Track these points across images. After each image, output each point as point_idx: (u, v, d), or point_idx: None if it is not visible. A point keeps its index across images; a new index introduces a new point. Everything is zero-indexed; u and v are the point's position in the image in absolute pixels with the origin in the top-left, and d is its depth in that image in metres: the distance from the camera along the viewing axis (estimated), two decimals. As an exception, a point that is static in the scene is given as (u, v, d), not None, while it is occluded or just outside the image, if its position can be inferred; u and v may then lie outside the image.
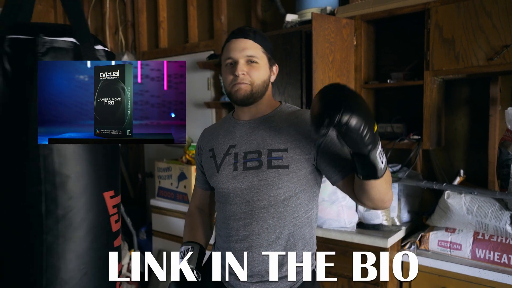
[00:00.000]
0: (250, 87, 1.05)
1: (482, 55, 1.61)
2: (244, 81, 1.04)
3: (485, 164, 1.85)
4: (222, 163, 1.09)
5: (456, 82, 1.93)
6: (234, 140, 1.10)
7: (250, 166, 1.04)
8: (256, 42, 1.05)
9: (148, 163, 3.27)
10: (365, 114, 0.78)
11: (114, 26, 3.39)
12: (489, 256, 1.55)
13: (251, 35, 1.05)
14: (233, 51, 1.05)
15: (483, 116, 1.85)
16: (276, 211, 1.03)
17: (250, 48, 1.04)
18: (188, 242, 1.14)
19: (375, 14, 1.89)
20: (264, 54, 1.07)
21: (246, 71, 1.04)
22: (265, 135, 1.06)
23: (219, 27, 2.74)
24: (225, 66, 1.08)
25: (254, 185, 1.03)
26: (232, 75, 1.05)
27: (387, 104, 2.14)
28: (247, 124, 1.10)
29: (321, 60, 1.84)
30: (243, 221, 1.05)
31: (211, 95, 2.83)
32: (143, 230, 2.85)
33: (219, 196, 1.13)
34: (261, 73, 1.06)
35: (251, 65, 1.05)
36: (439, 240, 1.66)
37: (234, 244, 1.06)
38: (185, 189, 2.45)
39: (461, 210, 1.59)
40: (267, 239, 1.04)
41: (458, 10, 1.65)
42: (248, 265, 1.05)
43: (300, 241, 1.07)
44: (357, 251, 1.71)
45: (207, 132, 1.23)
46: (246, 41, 1.05)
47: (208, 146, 1.17)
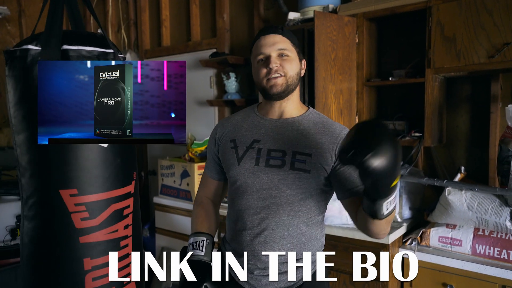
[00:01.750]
0: (285, 79, 1.06)
1: (483, 53, 1.62)
2: (278, 72, 1.05)
3: (485, 161, 1.86)
4: (244, 156, 1.08)
5: (457, 80, 1.95)
6: (259, 135, 1.09)
7: (273, 163, 1.05)
8: (285, 36, 1.08)
9: (151, 161, 3.29)
10: (390, 168, 0.75)
11: (117, 24, 3.41)
12: (489, 251, 1.57)
13: (279, 30, 1.08)
14: (264, 46, 1.06)
15: (484, 113, 1.86)
16: (292, 209, 1.05)
17: (280, 42, 1.06)
18: (201, 233, 1.11)
19: (377, 12, 1.91)
20: (293, 47, 1.08)
21: (279, 64, 1.05)
22: (292, 136, 1.06)
23: (221, 26, 2.75)
24: (257, 62, 1.08)
25: (274, 183, 1.04)
26: (266, 68, 1.06)
27: (389, 101, 2.16)
28: (274, 122, 1.10)
29: (323, 58, 1.85)
30: (258, 215, 1.05)
31: (213, 93, 2.84)
32: (146, 227, 2.87)
33: (235, 188, 1.11)
34: (293, 65, 1.07)
35: (283, 58, 1.06)
36: (440, 236, 1.68)
37: (247, 238, 1.06)
38: (188, 187, 2.47)
39: (462, 206, 1.61)
40: (280, 235, 1.05)
41: (459, 8, 1.66)
42: (259, 259, 1.05)
43: (312, 241, 1.09)
44: (359, 247, 1.74)
45: (227, 122, 1.19)
46: (275, 36, 1.07)
47: (229, 136, 1.14)
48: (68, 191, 0.96)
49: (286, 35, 1.08)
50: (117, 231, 1.02)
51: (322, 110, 1.86)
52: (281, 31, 1.08)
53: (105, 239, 1.00)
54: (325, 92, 1.88)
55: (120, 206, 1.02)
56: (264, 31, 1.09)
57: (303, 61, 1.13)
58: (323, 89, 1.86)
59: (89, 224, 0.98)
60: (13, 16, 3.18)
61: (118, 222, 1.02)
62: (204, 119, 2.89)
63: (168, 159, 2.65)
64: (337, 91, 1.93)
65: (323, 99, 1.87)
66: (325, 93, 1.88)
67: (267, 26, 1.11)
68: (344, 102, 1.97)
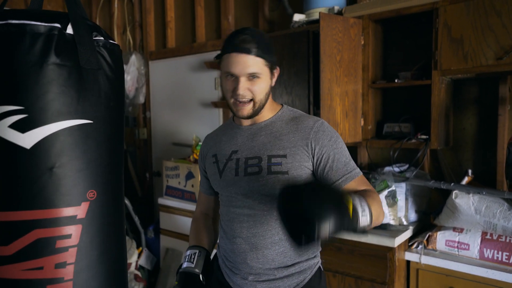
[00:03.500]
0: (252, 103, 1.05)
1: (491, 55, 1.60)
2: (246, 97, 1.03)
3: (493, 164, 1.84)
4: (225, 169, 1.11)
5: (465, 82, 1.93)
6: (236, 145, 1.11)
7: (251, 171, 1.05)
8: (258, 56, 1.01)
9: (155, 162, 3.30)
10: (335, 222, 0.75)
11: (122, 26, 3.42)
12: (497, 256, 1.54)
13: (253, 50, 1.00)
14: (234, 66, 1.01)
15: (492, 115, 1.84)
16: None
17: (252, 66, 1.00)
18: (195, 246, 1.16)
19: (383, 14, 1.89)
20: (265, 66, 1.04)
21: (247, 87, 1.02)
22: (265, 141, 1.07)
23: (226, 27, 2.75)
24: (225, 77, 1.05)
25: (255, 190, 1.05)
26: (233, 87, 1.03)
27: (395, 103, 2.14)
28: (248, 130, 1.12)
29: (328, 60, 1.84)
30: (247, 223, 1.07)
31: (218, 95, 2.84)
32: (151, 228, 2.87)
33: (223, 199, 1.15)
34: (263, 86, 1.04)
35: (252, 81, 1.03)
36: (446, 240, 1.66)
37: (238, 245, 1.08)
38: (193, 188, 2.47)
39: (469, 210, 1.59)
40: (270, 241, 1.05)
41: (467, 9, 1.64)
42: (253, 265, 1.06)
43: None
44: (364, 250, 1.72)
45: (209, 138, 1.24)
46: (249, 57, 1.00)
47: (211, 152, 1.18)
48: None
49: (260, 53, 1.01)
50: (42, 269, 0.74)
51: (328, 112, 1.85)
52: (254, 51, 1.00)
53: (22, 277, 0.73)
54: (331, 94, 1.87)
55: (48, 234, 0.74)
56: (236, 47, 1.00)
57: (276, 70, 1.09)
58: (329, 91, 1.85)
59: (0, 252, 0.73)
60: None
61: (44, 256, 0.74)
62: (208, 121, 2.89)
63: (172, 161, 2.66)
64: (342, 93, 1.92)
65: (328, 101, 1.86)
66: (331, 95, 1.87)
67: (241, 40, 1.00)
68: (349, 104, 1.96)
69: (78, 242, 0.76)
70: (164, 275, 2.66)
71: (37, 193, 0.74)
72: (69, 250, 0.76)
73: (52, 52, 0.74)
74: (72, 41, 0.77)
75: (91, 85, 0.79)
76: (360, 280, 1.73)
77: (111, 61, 0.83)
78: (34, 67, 0.73)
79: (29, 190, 0.74)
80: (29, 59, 0.73)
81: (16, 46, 0.73)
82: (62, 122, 0.75)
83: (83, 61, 0.77)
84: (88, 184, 0.78)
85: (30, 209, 0.73)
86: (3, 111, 0.72)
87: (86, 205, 0.78)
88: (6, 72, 0.73)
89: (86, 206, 0.78)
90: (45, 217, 0.74)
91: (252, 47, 1.00)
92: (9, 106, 0.73)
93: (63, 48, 0.76)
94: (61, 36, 0.76)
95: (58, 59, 0.75)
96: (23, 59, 0.73)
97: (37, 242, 0.74)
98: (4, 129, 0.72)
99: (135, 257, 2.68)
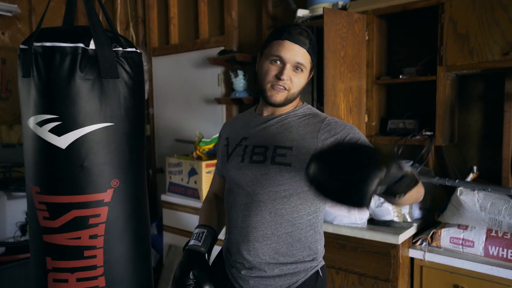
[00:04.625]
0: (287, 93, 1.05)
1: (497, 50, 1.58)
2: (285, 85, 1.04)
3: (499, 160, 1.82)
4: (233, 153, 1.12)
5: (470, 78, 1.91)
6: (247, 132, 1.13)
7: (256, 159, 1.06)
8: (309, 52, 1.05)
9: (159, 159, 3.30)
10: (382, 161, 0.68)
11: (125, 22, 3.42)
12: (503, 253, 1.53)
13: (307, 45, 1.04)
14: (285, 51, 1.02)
15: (498, 112, 1.82)
16: (274, 207, 1.04)
17: (302, 57, 1.03)
18: (204, 226, 1.16)
19: (388, 9, 1.87)
20: (310, 64, 1.07)
21: (290, 76, 1.04)
22: (275, 132, 1.08)
23: (229, 23, 2.74)
24: (270, 61, 1.04)
25: (257, 178, 1.05)
26: (275, 72, 1.03)
27: (399, 99, 2.12)
28: (263, 120, 1.12)
29: (332, 55, 1.83)
30: (242, 213, 1.07)
31: (221, 91, 2.83)
32: (154, 225, 2.88)
33: (227, 184, 1.16)
34: (302, 81, 1.06)
35: (296, 72, 1.04)
36: (451, 237, 1.65)
37: (233, 236, 1.09)
38: (196, 185, 2.47)
39: (474, 207, 1.57)
40: (262, 234, 1.04)
41: (473, 4, 1.62)
42: (244, 257, 1.06)
43: (299, 243, 1.06)
44: (368, 247, 1.71)
45: (229, 122, 1.27)
46: (301, 49, 1.03)
47: (225, 134, 1.20)
48: (34, 188, 0.98)
49: (310, 50, 1.05)
50: (80, 238, 0.96)
51: (331, 108, 1.84)
52: (308, 46, 1.04)
53: (66, 244, 0.96)
54: (334, 90, 1.85)
55: (83, 214, 0.96)
56: (293, 35, 1.03)
57: (313, 70, 1.11)
58: (332, 87, 1.84)
59: (49, 225, 0.96)
60: (24, 15, 3.20)
61: (80, 230, 0.96)
62: (211, 117, 2.88)
63: (176, 157, 2.66)
64: (346, 89, 1.90)
65: (332, 97, 1.84)
66: (334, 91, 1.85)
67: (298, 30, 1.04)
68: (353, 100, 1.95)
69: (106, 219, 0.98)
70: (167, 271, 2.66)
71: (72, 182, 0.95)
72: (99, 226, 0.97)
73: (77, 68, 0.92)
74: (94, 55, 0.93)
75: (111, 92, 0.96)
76: (363, 277, 1.73)
77: (129, 68, 0.99)
78: (64, 82, 0.92)
79: (66, 180, 0.95)
80: (59, 75, 0.92)
81: (50, 64, 0.91)
82: (89, 127, 0.94)
83: (104, 73, 0.94)
84: (112, 175, 0.98)
85: (68, 194, 0.95)
86: (45, 119, 0.94)
87: (111, 192, 0.98)
88: (43, 86, 0.93)
89: (111, 192, 0.98)
90: (79, 201, 0.95)
91: (307, 43, 1.04)
92: (48, 115, 0.94)
93: (87, 64, 0.93)
94: (84, 53, 0.93)
95: (83, 74, 0.93)
96: (56, 75, 0.92)
97: (75, 219, 0.96)
98: (46, 133, 0.94)
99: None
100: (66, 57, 0.91)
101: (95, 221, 0.97)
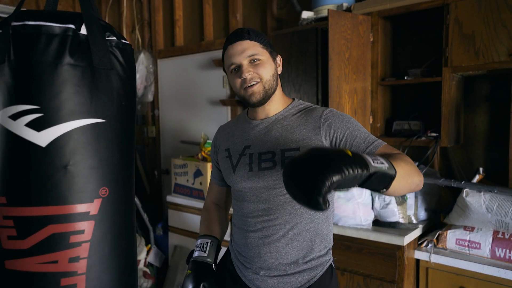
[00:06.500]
0: (261, 84, 1.05)
1: (503, 51, 1.58)
2: (254, 80, 1.05)
3: (505, 162, 1.81)
4: (238, 164, 1.11)
5: (476, 79, 1.90)
6: (249, 140, 1.12)
7: (265, 166, 1.05)
8: (252, 40, 1.06)
9: (164, 160, 3.32)
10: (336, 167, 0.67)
11: (131, 24, 3.45)
12: (510, 255, 1.52)
13: (245, 35, 1.06)
14: (233, 56, 1.05)
15: (504, 113, 1.81)
16: (293, 207, 1.05)
17: (249, 48, 1.04)
18: (206, 236, 1.16)
19: (392, 10, 1.87)
20: (263, 49, 1.07)
21: (252, 71, 1.04)
22: (278, 135, 1.08)
23: (234, 25, 2.75)
24: (231, 73, 1.08)
25: (270, 185, 1.05)
26: (240, 78, 1.05)
27: (404, 101, 2.12)
28: (260, 124, 1.12)
29: (337, 57, 1.83)
30: (261, 218, 1.07)
31: (226, 93, 2.85)
32: (159, 226, 2.89)
33: (236, 194, 1.15)
34: (267, 67, 1.06)
35: (255, 64, 1.05)
36: (457, 238, 1.64)
37: (252, 240, 1.08)
38: (201, 186, 2.48)
39: (480, 208, 1.57)
40: (284, 235, 1.05)
41: (478, 5, 1.62)
42: (265, 259, 1.06)
43: (318, 237, 1.08)
44: (373, 248, 1.71)
45: (222, 130, 1.24)
46: (243, 42, 1.05)
47: (224, 145, 1.18)
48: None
49: (254, 38, 1.06)
50: (56, 262, 0.75)
51: (336, 109, 1.84)
52: (247, 36, 1.05)
53: (37, 270, 0.75)
54: (339, 92, 1.86)
55: (62, 229, 0.76)
56: (230, 39, 1.07)
57: (278, 57, 1.12)
58: (337, 89, 1.84)
59: (16, 246, 0.75)
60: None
61: (58, 251, 0.76)
62: (217, 119, 2.90)
63: (181, 158, 2.67)
64: (351, 91, 1.91)
65: (337, 99, 1.85)
66: (339, 92, 1.86)
67: (233, 33, 1.08)
68: (358, 101, 1.95)
69: (91, 238, 0.78)
70: (173, 272, 2.68)
71: (51, 190, 0.75)
72: (82, 245, 0.77)
73: (67, 52, 0.77)
74: (86, 41, 0.79)
75: (104, 85, 0.80)
76: (368, 278, 1.72)
77: (123, 60, 0.84)
78: (49, 67, 0.75)
79: (43, 187, 0.75)
80: (44, 59, 0.75)
81: (33, 47, 0.75)
82: (75, 121, 0.77)
83: (96, 61, 0.79)
84: (100, 182, 0.80)
85: (45, 205, 0.75)
86: (20, 110, 0.75)
87: (99, 202, 0.79)
88: (22, 72, 0.75)
89: (99, 203, 0.79)
90: (59, 213, 0.76)
91: (245, 34, 1.06)
92: (25, 105, 0.74)
93: (77, 48, 0.77)
94: (75, 37, 0.78)
95: (72, 59, 0.77)
96: (38, 59, 0.75)
97: (52, 237, 0.75)
98: (21, 127, 0.74)
99: (144, 254, 2.71)
100: (54, 38, 0.75)
101: (77, 239, 0.77)
